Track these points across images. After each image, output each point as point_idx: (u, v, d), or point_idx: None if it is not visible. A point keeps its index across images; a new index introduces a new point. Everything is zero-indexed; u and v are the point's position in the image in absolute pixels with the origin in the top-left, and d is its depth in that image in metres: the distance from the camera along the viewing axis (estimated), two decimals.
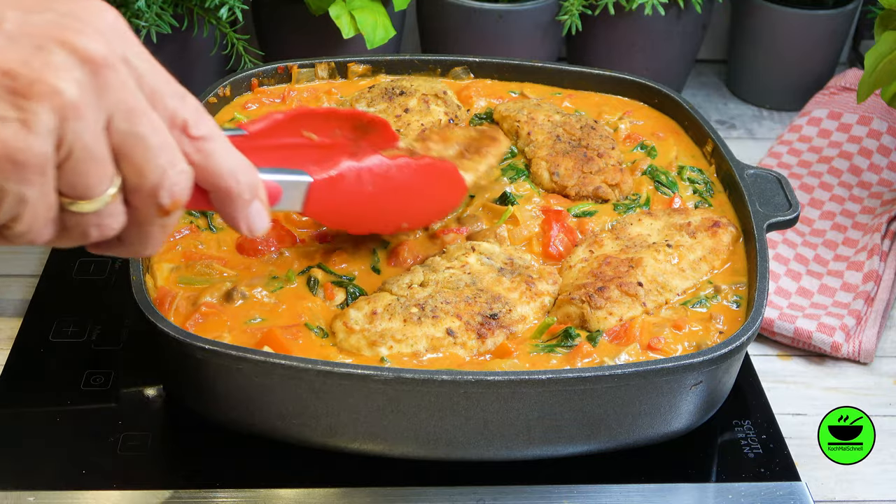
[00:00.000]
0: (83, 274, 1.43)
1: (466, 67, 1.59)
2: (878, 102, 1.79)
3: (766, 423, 1.26)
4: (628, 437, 1.13)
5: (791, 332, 1.40)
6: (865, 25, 2.04)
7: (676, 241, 1.28)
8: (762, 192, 1.33)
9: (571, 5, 1.78)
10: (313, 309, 1.18)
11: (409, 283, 1.19)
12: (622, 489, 1.15)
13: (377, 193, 1.13)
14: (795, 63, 1.93)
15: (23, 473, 1.14)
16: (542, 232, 1.30)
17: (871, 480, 1.24)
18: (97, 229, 0.79)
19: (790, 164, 1.74)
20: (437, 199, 1.24)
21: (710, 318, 1.20)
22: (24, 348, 1.31)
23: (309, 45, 1.74)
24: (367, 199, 1.13)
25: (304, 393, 1.07)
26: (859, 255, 1.53)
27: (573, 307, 1.19)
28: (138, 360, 1.29)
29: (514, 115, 1.48)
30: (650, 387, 1.09)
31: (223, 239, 1.27)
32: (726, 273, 1.27)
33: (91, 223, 0.78)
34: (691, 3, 1.79)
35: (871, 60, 1.47)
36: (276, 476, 1.15)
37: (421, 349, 1.13)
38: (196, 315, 1.15)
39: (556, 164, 1.39)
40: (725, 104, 2.01)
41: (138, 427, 1.20)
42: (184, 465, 1.17)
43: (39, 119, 0.71)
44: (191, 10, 1.68)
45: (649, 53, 1.85)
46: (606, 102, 1.56)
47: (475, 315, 1.16)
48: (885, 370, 1.40)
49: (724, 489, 1.17)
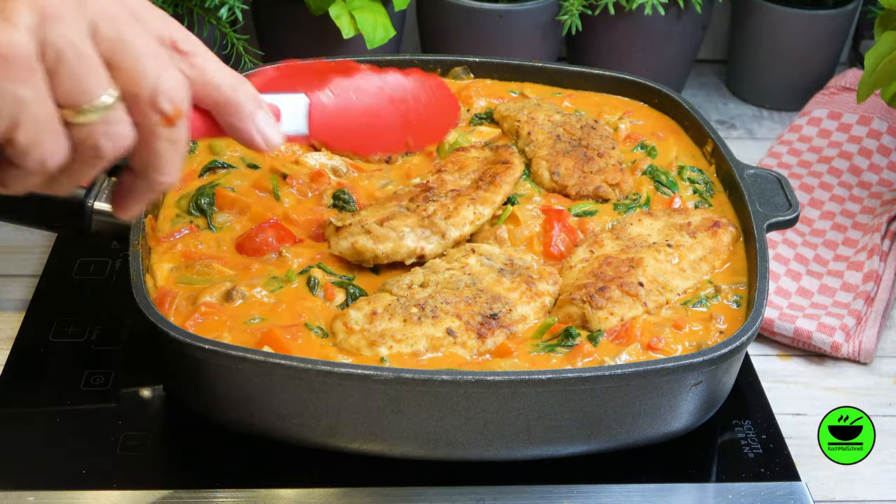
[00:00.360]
0: (83, 274, 1.43)
1: (466, 67, 1.59)
2: (878, 102, 1.79)
3: (766, 423, 1.26)
4: (628, 437, 1.13)
5: (791, 332, 1.40)
6: (865, 25, 2.04)
7: (677, 241, 1.28)
8: (762, 192, 1.33)
9: (571, 5, 1.78)
10: (313, 309, 1.18)
11: (409, 284, 1.19)
12: (622, 489, 1.15)
13: (375, 107, 1.11)
14: (795, 63, 1.93)
15: (23, 473, 1.14)
16: (543, 231, 1.30)
17: (871, 480, 1.24)
18: (107, 139, 0.78)
19: (790, 164, 1.74)
20: (433, 110, 1.20)
21: (710, 317, 1.20)
22: (24, 348, 1.31)
23: (309, 45, 1.74)
24: (368, 114, 1.11)
25: (304, 393, 1.07)
26: (859, 255, 1.53)
27: (574, 307, 1.19)
28: (138, 360, 1.29)
29: (515, 114, 1.48)
30: (650, 387, 1.09)
31: (223, 238, 1.27)
32: (726, 273, 1.27)
33: (99, 133, 0.78)
34: (691, 3, 1.79)
35: (871, 60, 1.47)
36: (276, 476, 1.15)
37: (421, 349, 1.13)
38: (196, 315, 1.15)
39: (556, 163, 1.39)
40: (725, 104, 2.01)
41: (138, 427, 1.20)
42: (184, 465, 1.17)
43: (19, 16, 0.73)
44: (191, 9, 1.68)
45: (649, 53, 1.85)
46: (606, 102, 1.56)
47: (475, 315, 1.16)
48: (885, 370, 1.40)
49: (724, 489, 1.17)
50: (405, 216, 1.26)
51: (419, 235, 1.24)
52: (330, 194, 1.34)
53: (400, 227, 1.24)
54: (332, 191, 1.34)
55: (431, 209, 1.26)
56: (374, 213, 1.27)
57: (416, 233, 1.24)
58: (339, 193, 1.33)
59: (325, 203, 1.33)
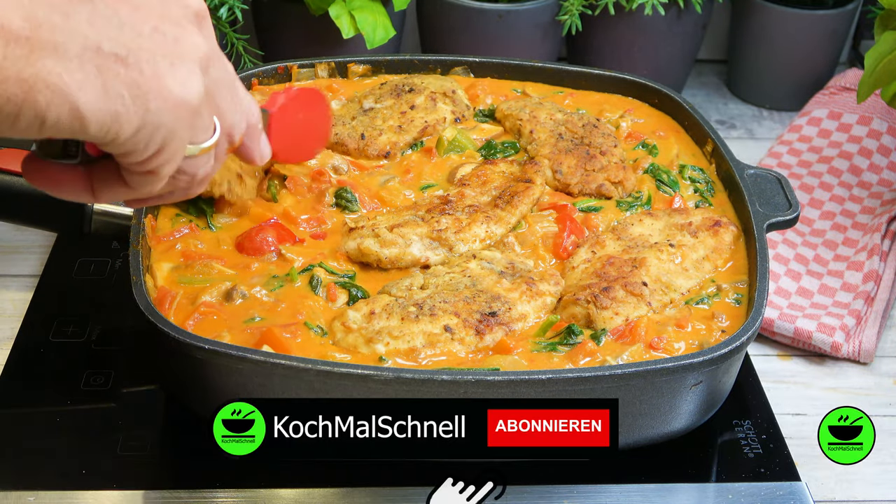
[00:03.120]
0: (83, 274, 1.43)
1: (466, 67, 1.59)
2: (878, 102, 1.79)
3: (766, 423, 1.26)
4: (628, 437, 1.13)
5: (791, 332, 1.40)
6: (865, 25, 2.04)
7: (679, 241, 1.28)
8: (762, 192, 1.33)
9: (571, 5, 1.78)
10: (314, 308, 1.18)
11: (408, 286, 1.20)
12: (622, 489, 1.15)
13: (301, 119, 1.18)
14: (795, 63, 1.93)
15: (23, 473, 1.14)
16: (558, 231, 1.30)
17: (871, 480, 1.24)
18: (205, 170, 0.89)
19: (790, 164, 1.74)
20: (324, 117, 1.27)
21: (712, 315, 1.20)
22: (24, 348, 1.31)
23: (309, 45, 1.74)
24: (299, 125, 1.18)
25: (303, 393, 1.07)
26: (859, 255, 1.53)
27: (578, 308, 1.19)
28: (138, 360, 1.29)
29: (517, 113, 1.48)
30: (650, 387, 1.09)
31: (223, 238, 1.27)
32: (728, 271, 1.27)
33: (201, 164, 0.88)
34: (691, 3, 1.79)
35: (871, 60, 1.47)
36: (276, 476, 1.15)
37: (418, 345, 1.13)
38: (195, 314, 1.15)
39: (558, 162, 1.40)
40: (725, 104, 2.01)
41: (138, 427, 1.20)
42: (184, 465, 1.17)
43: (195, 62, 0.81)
44: None
45: (649, 53, 1.85)
46: (607, 101, 1.56)
47: (473, 312, 1.16)
48: (885, 370, 1.40)
49: (724, 489, 1.17)
50: (416, 225, 1.26)
51: (426, 246, 1.25)
52: (332, 193, 1.34)
53: (409, 235, 1.24)
54: (334, 190, 1.34)
55: (444, 223, 1.27)
56: (388, 219, 1.28)
57: (423, 243, 1.25)
58: (342, 192, 1.34)
59: (328, 202, 1.33)
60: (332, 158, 1.39)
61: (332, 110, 1.47)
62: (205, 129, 0.85)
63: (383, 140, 1.43)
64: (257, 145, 0.99)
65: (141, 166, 0.81)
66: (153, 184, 0.84)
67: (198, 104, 0.80)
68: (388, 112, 1.46)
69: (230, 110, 0.89)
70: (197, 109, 0.81)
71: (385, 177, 1.39)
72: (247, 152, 0.98)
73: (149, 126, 0.77)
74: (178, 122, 0.79)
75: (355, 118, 1.46)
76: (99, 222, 1.27)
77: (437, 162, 1.42)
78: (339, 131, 1.43)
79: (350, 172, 1.39)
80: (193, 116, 0.81)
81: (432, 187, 1.38)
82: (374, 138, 1.43)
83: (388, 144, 1.43)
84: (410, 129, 1.44)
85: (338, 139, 1.42)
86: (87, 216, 1.27)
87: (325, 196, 1.33)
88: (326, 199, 1.33)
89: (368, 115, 1.47)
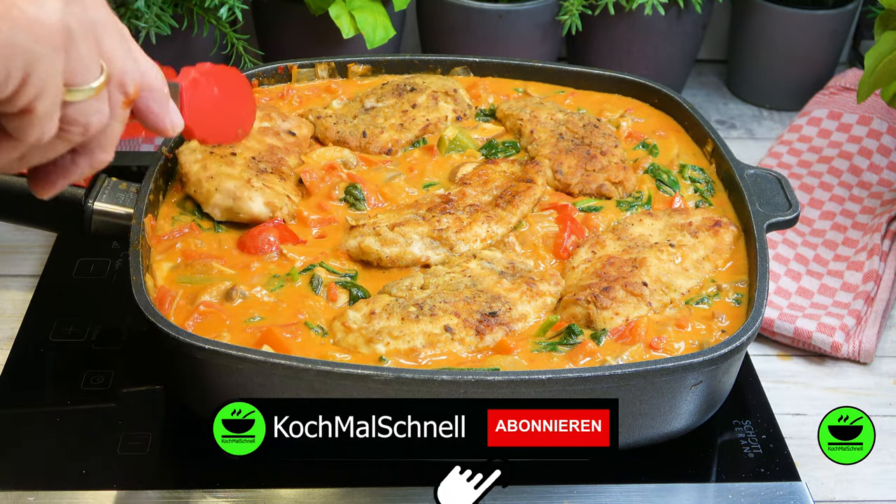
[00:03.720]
0: (83, 274, 1.43)
1: (466, 67, 1.59)
2: (878, 102, 1.79)
3: (766, 423, 1.26)
4: (628, 437, 1.13)
5: (791, 332, 1.40)
6: (865, 25, 2.04)
7: (679, 241, 1.28)
8: (762, 192, 1.33)
9: (571, 5, 1.78)
10: (315, 308, 1.18)
11: (409, 286, 1.20)
12: (622, 489, 1.15)
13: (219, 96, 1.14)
14: (795, 63, 1.93)
15: (23, 473, 1.14)
16: (559, 231, 1.30)
17: (871, 480, 1.24)
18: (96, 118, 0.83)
19: (790, 164, 1.74)
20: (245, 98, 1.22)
21: (712, 315, 1.20)
22: (24, 348, 1.31)
23: (309, 45, 1.74)
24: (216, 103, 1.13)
25: (304, 393, 1.07)
26: (859, 255, 1.53)
27: (579, 308, 1.19)
28: (138, 360, 1.29)
29: (517, 113, 1.48)
30: (650, 387, 1.09)
31: (223, 237, 1.27)
32: (728, 271, 1.27)
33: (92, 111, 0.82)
34: (691, 3, 1.79)
35: (871, 60, 1.47)
36: (276, 476, 1.15)
37: (418, 345, 1.13)
38: (195, 314, 1.15)
39: (559, 161, 1.40)
40: (725, 104, 2.01)
41: (138, 427, 1.20)
42: (184, 465, 1.17)
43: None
44: (190, 9, 1.68)
45: (649, 53, 1.85)
46: (608, 100, 1.56)
47: (474, 313, 1.16)
48: (885, 370, 1.40)
49: (724, 489, 1.17)
50: (417, 224, 1.26)
51: (427, 245, 1.25)
52: (342, 188, 1.34)
53: (410, 235, 1.25)
54: (345, 185, 1.34)
55: (445, 223, 1.27)
56: (389, 217, 1.28)
57: (424, 242, 1.25)
58: (351, 189, 1.34)
59: (337, 197, 1.33)
60: (342, 153, 1.39)
61: (333, 108, 1.46)
62: (85, 68, 0.80)
63: (385, 138, 1.43)
64: (166, 112, 0.94)
65: (11, 104, 0.77)
66: (34, 126, 0.79)
67: (59, 27, 0.76)
68: (389, 111, 1.47)
69: (120, 57, 0.84)
70: (62, 35, 0.76)
71: (391, 173, 1.39)
72: (154, 118, 0.94)
73: (2, 49, 0.73)
74: (37, 44, 0.75)
75: (357, 116, 1.47)
76: (99, 222, 1.27)
77: (439, 160, 1.42)
78: (341, 129, 1.44)
79: (359, 167, 1.39)
80: (61, 42, 0.77)
81: (433, 186, 1.38)
82: (376, 136, 1.43)
83: (389, 142, 1.43)
84: (412, 127, 1.45)
85: (340, 137, 1.43)
86: (87, 216, 1.27)
87: (334, 189, 1.34)
88: (335, 193, 1.33)
89: (370, 114, 1.47)
